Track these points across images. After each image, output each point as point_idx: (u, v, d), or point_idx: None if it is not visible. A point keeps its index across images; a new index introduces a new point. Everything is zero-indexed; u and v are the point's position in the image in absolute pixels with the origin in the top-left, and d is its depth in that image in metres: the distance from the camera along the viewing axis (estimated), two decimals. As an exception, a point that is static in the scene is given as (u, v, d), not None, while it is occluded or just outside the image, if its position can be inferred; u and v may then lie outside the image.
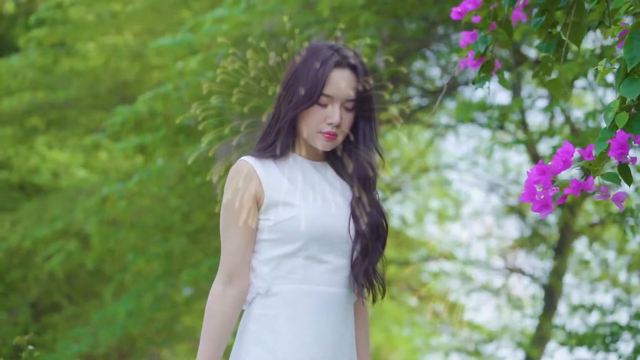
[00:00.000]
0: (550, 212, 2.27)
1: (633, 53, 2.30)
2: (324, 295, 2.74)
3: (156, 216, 8.06)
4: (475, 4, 3.15)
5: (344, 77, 2.79)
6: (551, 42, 3.20)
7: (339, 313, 2.76)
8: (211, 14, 6.80)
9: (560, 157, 2.23)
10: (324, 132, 2.78)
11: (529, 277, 10.34)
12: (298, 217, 2.71)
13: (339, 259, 2.76)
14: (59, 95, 10.07)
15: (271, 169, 2.78)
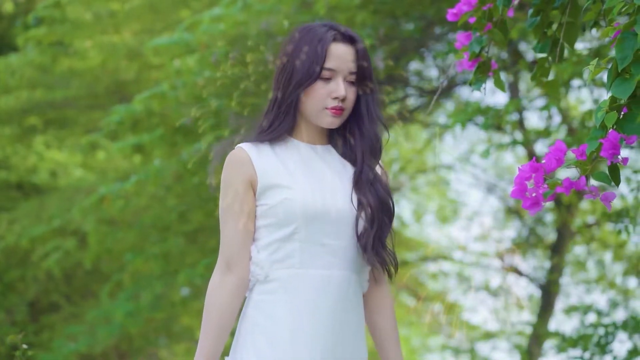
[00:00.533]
0: (540, 209, 2.27)
1: (624, 53, 2.30)
2: (323, 279, 2.69)
3: (154, 216, 8.06)
4: (471, 5, 3.15)
5: (344, 51, 2.78)
6: (546, 43, 3.20)
7: (340, 297, 2.71)
8: (208, 13, 6.80)
9: (553, 155, 2.23)
10: (330, 108, 2.76)
11: (527, 278, 10.35)
12: (291, 199, 2.68)
13: (338, 241, 2.71)
14: (57, 94, 10.07)
15: (266, 154, 2.76)
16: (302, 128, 2.82)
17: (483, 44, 3.15)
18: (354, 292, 2.76)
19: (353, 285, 2.75)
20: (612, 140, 2.18)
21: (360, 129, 2.83)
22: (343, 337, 2.72)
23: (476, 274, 11.42)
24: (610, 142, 2.18)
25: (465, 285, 11.50)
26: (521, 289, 11.14)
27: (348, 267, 2.73)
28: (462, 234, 11.94)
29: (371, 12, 6.06)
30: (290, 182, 2.71)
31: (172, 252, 8.04)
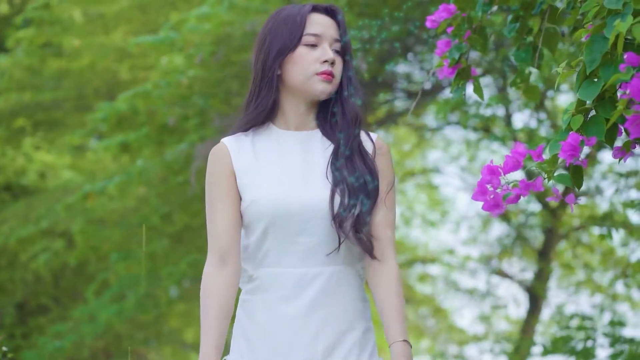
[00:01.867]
0: (501, 211, 2.26)
1: (593, 56, 2.30)
2: (299, 277, 2.64)
3: (140, 216, 8.05)
4: (450, 12, 3.15)
5: (324, 19, 2.74)
6: (526, 49, 3.21)
7: (319, 294, 2.64)
8: (194, 12, 6.80)
9: (512, 157, 2.23)
10: (320, 73, 2.68)
11: (514, 281, 10.37)
12: (257, 200, 2.64)
13: (314, 237, 2.64)
14: (46, 96, 10.06)
15: (245, 149, 2.72)
16: (286, 111, 2.74)
17: (462, 51, 3.15)
18: (343, 286, 2.68)
19: (340, 279, 2.67)
20: (572, 143, 2.17)
21: (343, 107, 2.75)
22: (326, 334, 2.65)
23: (463, 277, 11.43)
24: (570, 144, 2.18)
25: (453, 289, 11.51)
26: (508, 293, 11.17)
27: (331, 262, 2.66)
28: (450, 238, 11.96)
29: (356, 14, 6.07)
30: (259, 182, 2.67)
31: (158, 253, 8.03)
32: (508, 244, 10.05)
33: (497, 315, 11.31)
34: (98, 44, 9.90)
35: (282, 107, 2.75)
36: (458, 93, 3.17)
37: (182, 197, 7.41)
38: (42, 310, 11.95)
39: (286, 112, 2.75)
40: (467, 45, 3.13)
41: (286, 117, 2.76)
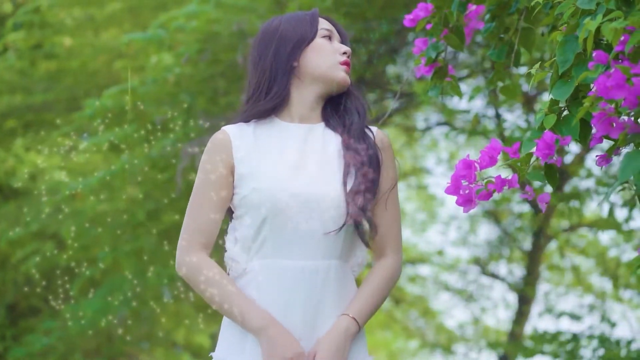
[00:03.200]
0: (474, 207, 2.26)
1: (566, 56, 2.31)
2: (295, 270, 2.63)
3: (128, 214, 8.03)
4: (427, 10, 3.16)
5: (329, 23, 2.83)
6: (502, 48, 3.21)
7: (314, 288, 2.64)
8: (182, 10, 6.80)
9: (487, 153, 2.23)
10: (342, 62, 2.75)
11: (504, 282, 10.38)
12: (259, 188, 2.64)
13: (312, 230, 2.65)
14: (36, 98, 10.04)
15: (247, 138, 2.73)
16: (293, 103, 2.77)
17: (439, 50, 3.15)
18: (337, 280, 2.68)
19: (334, 273, 2.68)
20: (547, 141, 2.18)
21: (350, 101, 2.81)
22: (319, 328, 2.65)
23: (453, 278, 11.44)
24: (545, 142, 2.18)
25: (442, 290, 11.53)
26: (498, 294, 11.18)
27: (327, 255, 2.67)
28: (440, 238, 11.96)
29: (342, 14, 6.07)
30: (261, 171, 2.67)
31: (145, 251, 8.01)
32: (497, 246, 10.06)
33: (487, 316, 11.33)
34: (89, 45, 9.90)
35: (289, 99, 2.78)
36: (435, 92, 3.18)
37: (168, 195, 7.40)
38: (33, 311, 11.92)
39: (293, 105, 2.78)
40: (444, 44, 3.14)
41: (292, 109, 2.78)
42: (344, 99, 2.81)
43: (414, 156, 11.40)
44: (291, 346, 2.58)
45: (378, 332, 14.22)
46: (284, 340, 2.58)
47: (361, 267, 2.78)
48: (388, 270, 2.76)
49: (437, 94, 3.17)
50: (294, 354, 2.58)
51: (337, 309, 2.67)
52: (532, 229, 9.28)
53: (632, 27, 2.08)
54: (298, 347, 2.59)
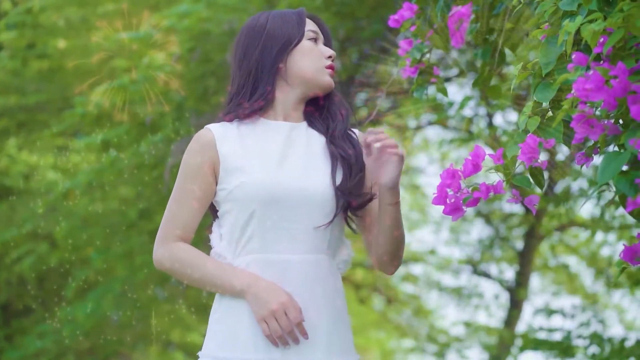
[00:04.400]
0: (462, 215, 2.27)
1: (548, 58, 2.30)
2: (283, 264, 2.63)
3: (119, 214, 8.02)
4: (412, 11, 3.17)
5: (314, 24, 2.82)
6: (487, 49, 3.22)
7: (303, 283, 2.63)
8: (174, 10, 6.82)
9: (471, 161, 2.24)
10: (327, 67, 2.77)
11: (495, 281, 10.39)
12: (247, 182, 2.64)
13: (300, 224, 2.65)
14: (29, 99, 10.03)
15: (231, 136, 2.72)
16: (277, 103, 2.78)
17: (423, 51, 3.16)
18: (325, 275, 2.68)
19: (322, 268, 2.68)
20: (531, 145, 2.18)
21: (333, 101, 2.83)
22: (314, 321, 2.63)
23: (445, 278, 11.45)
24: (529, 146, 2.18)
25: (435, 289, 11.54)
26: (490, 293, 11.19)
27: (315, 250, 2.67)
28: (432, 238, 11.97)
29: (333, 13, 6.08)
30: (248, 165, 2.67)
31: (137, 252, 8.00)
32: (489, 245, 10.07)
33: (479, 315, 11.34)
34: (82, 46, 9.88)
35: (274, 100, 2.78)
36: (420, 93, 3.19)
37: (159, 193, 7.39)
38: (26, 311, 11.90)
39: (277, 105, 2.78)
40: (428, 45, 3.15)
41: (276, 109, 2.78)
42: (326, 103, 2.83)
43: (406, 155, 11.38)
44: (277, 297, 2.59)
45: (371, 331, 14.24)
46: (269, 293, 2.59)
47: (347, 265, 2.79)
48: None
49: (422, 94, 3.18)
50: (279, 304, 2.58)
51: (326, 304, 2.68)
52: (525, 228, 9.29)
53: (611, 29, 2.09)
54: (283, 296, 2.59)
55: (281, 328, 2.58)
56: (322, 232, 2.68)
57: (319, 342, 2.65)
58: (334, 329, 2.69)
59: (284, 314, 2.58)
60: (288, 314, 2.58)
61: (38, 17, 9.78)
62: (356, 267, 11.62)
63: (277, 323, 2.58)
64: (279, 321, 2.58)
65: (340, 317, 2.72)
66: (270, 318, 2.58)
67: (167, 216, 2.73)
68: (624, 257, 2.13)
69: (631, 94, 1.94)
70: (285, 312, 2.58)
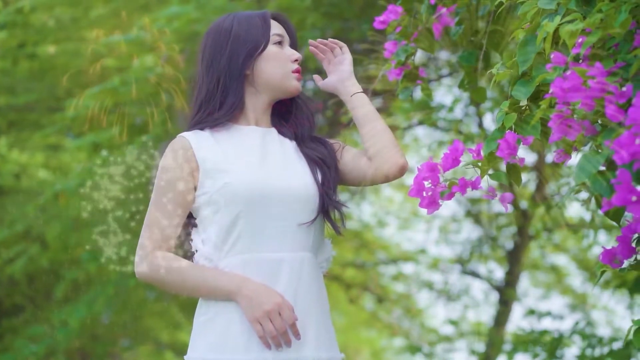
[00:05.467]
0: (438, 208, 2.28)
1: (526, 56, 2.33)
2: (274, 263, 2.64)
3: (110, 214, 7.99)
4: (397, 13, 3.18)
5: (280, 26, 2.84)
6: (472, 51, 3.23)
7: (292, 281, 2.65)
8: (163, 12, 6.82)
9: (450, 155, 2.25)
10: (294, 71, 2.79)
11: (485, 282, 10.39)
12: (231, 183, 2.64)
13: (286, 222, 2.67)
14: (20, 99, 10.02)
15: (206, 141, 2.72)
16: (247, 109, 2.79)
17: (409, 52, 3.17)
18: (310, 273, 2.70)
19: (307, 265, 2.70)
20: (509, 141, 2.19)
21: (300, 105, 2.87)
22: (304, 319, 2.65)
23: (435, 277, 11.46)
24: (507, 142, 2.20)
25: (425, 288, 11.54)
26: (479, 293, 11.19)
27: (300, 248, 2.69)
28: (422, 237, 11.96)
29: (322, 14, 6.08)
30: (230, 167, 2.67)
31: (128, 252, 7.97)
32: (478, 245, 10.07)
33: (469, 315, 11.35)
34: (72, 51, 9.87)
35: (244, 106, 2.80)
36: (405, 94, 3.20)
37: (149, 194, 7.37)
38: (17, 310, 11.88)
39: (247, 110, 2.80)
40: (414, 47, 3.16)
41: (247, 114, 2.81)
42: (293, 109, 2.86)
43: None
44: (270, 297, 2.59)
45: (362, 330, 14.24)
46: (263, 294, 2.59)
47: (328, 263, 2.82)
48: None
49: (407, 96, 3.20)
50: (273, 304, 2.58)
51: (314, 301, 2.70)
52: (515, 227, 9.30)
53: (589, 29, 2.10)
54: (276, 296, 2.60)
55: (275, 329, 2.58)
56: (307, 230, 2.70)
57: (309, 339, 2.66)
58: (322, 325, 2.71)
59: (278, 315, 2.58)
60: (282, 314, 2.59)
61: (28, 18, 9.77)
62: (346, 266, 11.62)
63: (271, 324, 2.58)
64: (273, 322, 2.58)
65: (326, 314, 2.75)
66: (265, 319, 2.58)
67: (147, 225, 2.72)
68: (603, 260, 2.14)
69: (609, 95, 1.95)
70: (279, 313, 2.59)
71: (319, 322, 2.71)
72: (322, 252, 2.79)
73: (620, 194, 1.80)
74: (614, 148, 1.78)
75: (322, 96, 6.31)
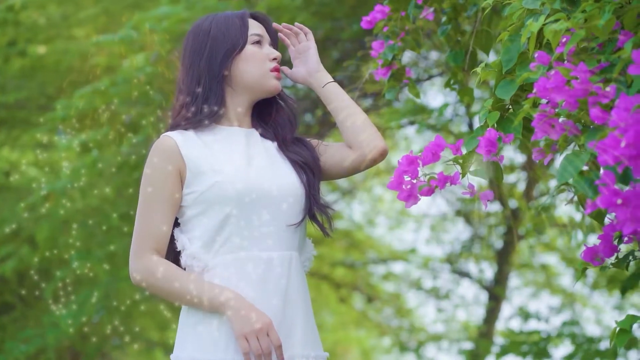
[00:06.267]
0: (416, 202, 2.29)
1: (510, 55, 2.34)
2: (266, 261, 2.65)
3: (101, 215, 7.99)
4: (384, 13, 3.19)
5: (258, 24, 2.85)
6: (459, 51, 3.24)
7: (283, 278, 2.66)
8: (153, 12, 6.81)
9: (431, 149, 2.26)
10: (272, 69, 2.79)
11: (474, 281, 10.40)
12: (222, 182, 2.64)
13: (275, 221, 2.68)
14: (9, 97, 9.99)
15: (192, 141, 2.72)
16: (229, 109, 2.80)
17: (395, 52, 3.18)
18: (297, 272, 2.72)
19: (294, 264, 2.71)
20: (490, 139, 2.20)
21: (278, 106, 2.88)
22: (292, 317, 2.68)
23: (425, 276, 11.47)
24: (488, 139, 2.20)
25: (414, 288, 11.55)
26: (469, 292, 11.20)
27: (289, 247, 2.70)
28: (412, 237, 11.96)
29: (312, 13, 6.08)
30: (219, 167, 2.67)
31: (118, 253, 7.97)
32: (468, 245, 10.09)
33: (458, 314, 11.37)
34: (62, 50, 9.85)
35: (225, 107, 2.80)
36: (392, 94, 3.21)
37: (137, 195, 7.36)
38: (6, 308, 11.84)
39: (229, 111, 2.81)
40: (400, 47, 3.16)
41: (229, 115, 2.81)
42: (273, 110, 2.88)
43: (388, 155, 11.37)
44: (261, 317, 2.59)
45: (351, 329, 14.25)
46: (254, 312, 2.59)
47: (311, 262, 2.84)
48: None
49: (394, 96, 3.20)
50: (263, 324, 2.58)
51: (301, 300, 2.71)
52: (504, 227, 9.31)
53: (573, 29, 2.10)
54: (266, 317, 2.61)
55: (261, 347, 2.58)
56: (294, 230, 2.72)
57: (297, 336, 2.68)
58: (308, 324, 2.73)
59: (266, 334, 2.59)
60: (270, 335, 2.59)
61: (19, 15, 9.75)
62: (336, 265, 11.63)
63: (258, 342, 2.58)
64: (260, 340, 2.58)
65: (311, 312, 2.77)
66: (252, 336, 2.58)
67: (139, 229, 2.70)
68: (585, 258, 2.15)
69: (592, 95, 1.95)
70: (268, 333, 2.59)
71: (305, 321, 2.72)
72: (304, 251, 2.81)
73: (605, 197, 1.80)
74: (598, 150, 1.78)
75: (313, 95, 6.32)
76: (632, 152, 1.72)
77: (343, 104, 2.82)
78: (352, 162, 2.80)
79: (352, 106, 2.83)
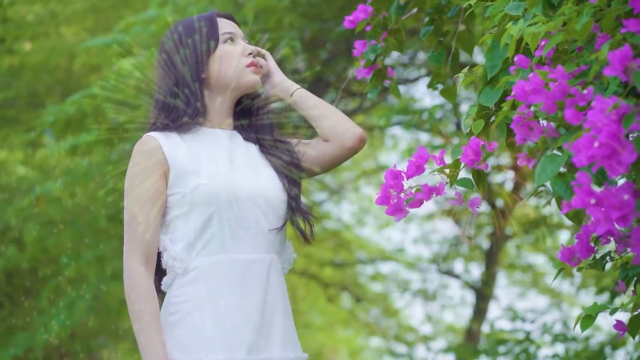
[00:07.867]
0: (404, 216, 2.29)
1: (494, 61, 2.33)
2: (246, 263, 2.64)
3: (90, 217, 7.98)
4: (367, 13, 3.19)
5: (229, 22, 2.84)
6: (441, 52, 3.25)
7: (263, 281, 2.65)
8: (141, 16, 6.82)
9: (414, 162, 2.26)
10: (249, 65, 2.78)
11: (462, 281, 10.42)
12: (205, 184, 2.63)
13: (257, 224, 2.67)
14: (-1, 95, 9.98)
15: (175, 142, 2.70)
16: (210, 112, 2.79)
17: (378, 52, 3.19)
18: (276, 275, 2.71)
19: (274, 267, 2.70)
20: (474, 147, 2.20)
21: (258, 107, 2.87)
22: (271, 319, 2.67)
23: (413, 276, 11.48)
24: (472, 148, 2.21)
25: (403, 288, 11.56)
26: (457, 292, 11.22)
27: (269, 249, 2.69)
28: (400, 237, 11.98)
29: (300, 14, 6.09)
30: (202, 168, 2.66)
31: (107, 255, 7.96)
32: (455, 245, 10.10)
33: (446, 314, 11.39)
34: (49, 47, 9.83)
35: (207, 109, 2.79)
36: (374, 94, 3.21)
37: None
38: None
39: (210, 113, 2.80)
40: (382, 47, 3.17)
41: (211, 117, 2.80)
42: (253, 112, 2.87)
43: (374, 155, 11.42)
44: None
45: (339, 329, 14.26)
46: None
47: (290, 264, 2.83)
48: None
49: (375, 96, 3.21)
50: None
51: (280, 302, 2.71)
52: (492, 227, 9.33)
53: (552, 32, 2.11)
54: None
55: None
56: (275, 233, 2.71)
57: (277, 339, 2.67)
58: (287, 326, 2.72)
59: None
60: None
61: (6, 12, 9.72)
62: (325, 265, 11.64)
63: None
64: None
65: (289, 314, 2.76)
66: None
67: (129, 232, 2.67)
68: (562, 258, 2.16)
69: (569, 97, 1.97)
70: None
71: (284, 323, 2.72)
72: (284, 253, 2.80)
73: (580, 197, 1.82)
74: (573, 150, 1.79)
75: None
76: (604, 152, 1.73)
77: (312, 103, 2.84)
78: (331, 153, 2.82)
79: (322, 105, 2.85)
